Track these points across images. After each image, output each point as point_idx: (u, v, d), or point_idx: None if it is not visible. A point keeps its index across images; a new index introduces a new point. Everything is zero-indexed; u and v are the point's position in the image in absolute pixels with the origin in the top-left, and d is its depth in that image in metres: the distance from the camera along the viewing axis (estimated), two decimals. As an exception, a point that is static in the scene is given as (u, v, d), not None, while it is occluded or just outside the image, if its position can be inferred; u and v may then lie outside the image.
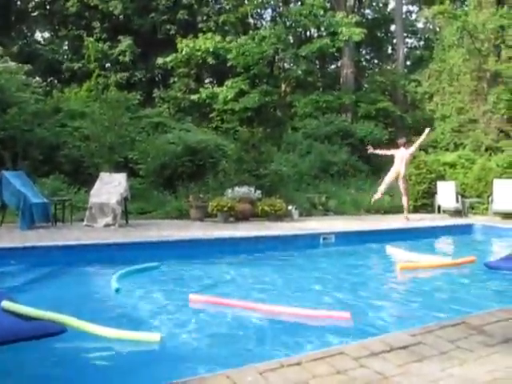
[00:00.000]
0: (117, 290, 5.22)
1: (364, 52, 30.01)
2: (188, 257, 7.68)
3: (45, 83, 18.39)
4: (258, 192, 12.70)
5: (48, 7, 24.80)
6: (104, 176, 11.15)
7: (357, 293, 5.78)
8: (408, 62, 27.62)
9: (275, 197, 12.86)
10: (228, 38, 20.57)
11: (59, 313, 3.94)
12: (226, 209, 11.58)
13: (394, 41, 27.46)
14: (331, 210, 14.74)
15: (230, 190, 12.50)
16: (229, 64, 20.71)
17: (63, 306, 4.50)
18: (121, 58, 20.68)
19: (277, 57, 23.07)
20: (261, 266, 7.53)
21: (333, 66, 28.66)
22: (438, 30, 25.73)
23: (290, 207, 12.90)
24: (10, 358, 3.47)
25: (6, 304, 4.07)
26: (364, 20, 27.87)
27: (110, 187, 10.75)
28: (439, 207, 15.26)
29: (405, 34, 27.28)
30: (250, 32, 22.00)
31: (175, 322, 4.47)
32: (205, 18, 22.06)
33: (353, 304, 5.18)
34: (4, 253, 6.82)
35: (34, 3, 24.38)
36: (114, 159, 13.85)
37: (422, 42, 30.33)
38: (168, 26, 21.39)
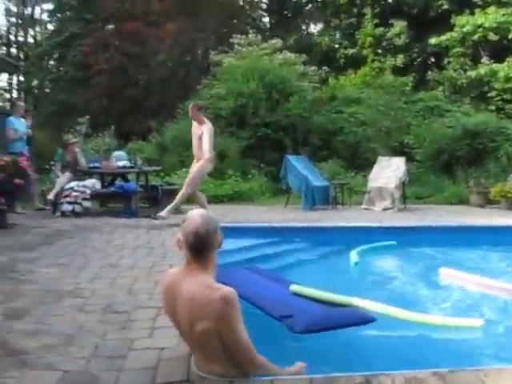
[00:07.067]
0: (356, 264, 5.64)
1: None
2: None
3: (320, 72, 19.17)
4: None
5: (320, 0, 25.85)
6: (382, 160, 11.30)
7: None
8: None
9: None
10: (509, 10, 18.94)
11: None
12: (510, 195, 10.83)
13: None
14: None
15: (513, 175, 11.66)
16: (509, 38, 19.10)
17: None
18: (396, 40, 20.55)
19: None
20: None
21: None
22: None
23: None
24: (328, 347, 3.37)
25: (295, 288, 4.05)
26: None
27: (389, 171, 10.85)
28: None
29: None
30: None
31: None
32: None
33: None
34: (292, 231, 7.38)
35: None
36: (390, 144, 13.93)
37: None
38: (440, 3, 20.59)
